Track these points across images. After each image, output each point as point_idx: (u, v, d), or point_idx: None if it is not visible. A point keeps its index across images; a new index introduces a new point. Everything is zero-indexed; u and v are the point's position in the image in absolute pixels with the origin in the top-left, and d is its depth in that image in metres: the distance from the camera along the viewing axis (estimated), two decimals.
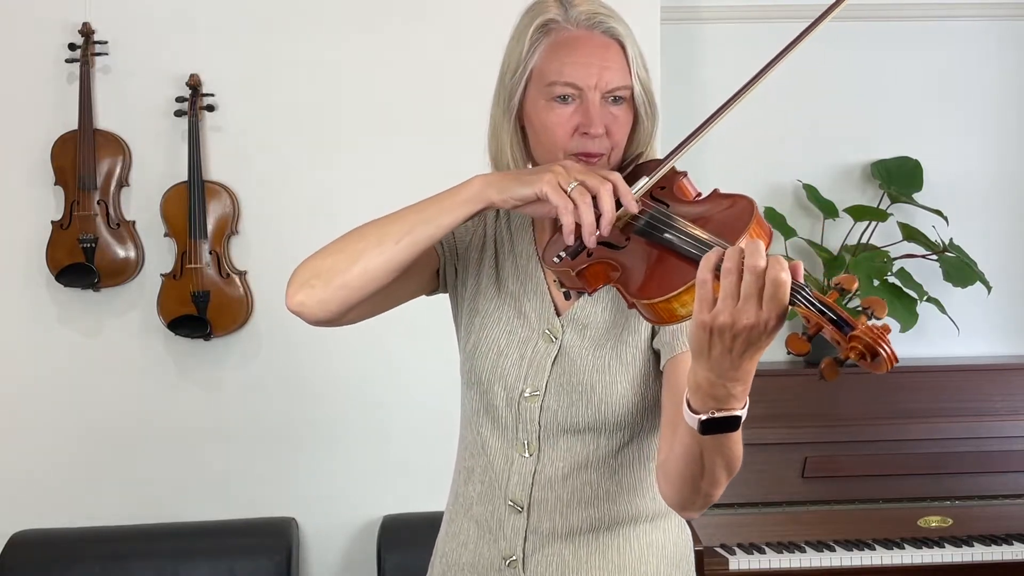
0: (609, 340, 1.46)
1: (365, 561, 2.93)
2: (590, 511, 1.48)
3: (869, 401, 3.05)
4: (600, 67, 1.40)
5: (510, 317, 1.50)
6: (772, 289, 1.06)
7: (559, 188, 1.30)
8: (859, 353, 1.06)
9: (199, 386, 2.93)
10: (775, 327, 1.09)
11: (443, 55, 2.87)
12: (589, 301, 1.47)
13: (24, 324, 2.88)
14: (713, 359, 1.13)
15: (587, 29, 1.42)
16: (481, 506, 1.53)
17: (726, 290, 1.08)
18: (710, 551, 2.78)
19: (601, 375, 1.44)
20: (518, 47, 1.44)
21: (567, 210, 1.29)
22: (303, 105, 2.89)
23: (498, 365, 1.49)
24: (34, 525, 2.86)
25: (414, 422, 2.91)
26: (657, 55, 2.90)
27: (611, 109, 1.42)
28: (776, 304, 1.07)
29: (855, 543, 2.85)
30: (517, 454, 1.49)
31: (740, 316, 1.08)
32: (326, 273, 1.40)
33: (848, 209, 3.25)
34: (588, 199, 1.30)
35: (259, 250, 2.91)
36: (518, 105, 1.45)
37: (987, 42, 3.39)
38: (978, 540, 2.86)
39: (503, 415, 1.49)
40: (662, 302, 1.19)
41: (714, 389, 1.16)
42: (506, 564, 1.50)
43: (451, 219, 1.38)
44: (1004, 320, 3.42)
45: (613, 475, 1.48)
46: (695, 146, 1.41)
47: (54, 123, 2.84)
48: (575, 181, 1.31)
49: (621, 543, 1.50)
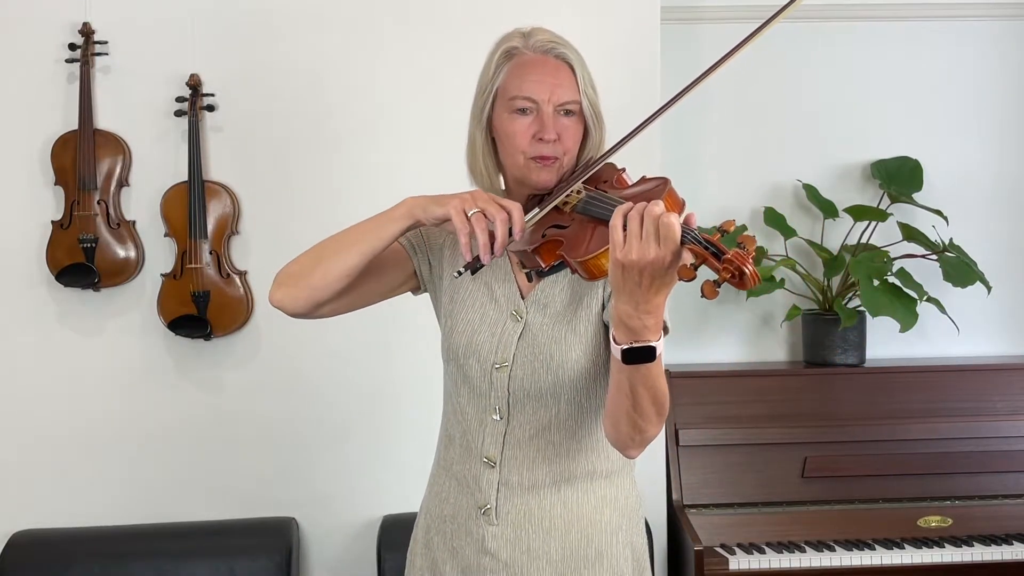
0: (566, 315, 1.72)
1: (365, 561, 2.93)
2: (553, 467, 1.73)
3: (869, 401, 3.06)
4: (552, 84, 1.68)
5: (483, 301, 1.77)
6: (665, 231, 1.35)
7: (461, 212, 1.59)
8: (730, 273, 1.31)
9: (199, 386, 2.93)
10: (672, 263, 1.36)
11: (443, 56, 2.87)
12: (549, 283, 1.73)
13: (24, 324, 2.88)
14: (627, 292, 1.40)
15: (543, 54, 1.71)
16: (460, 465, 1.78)
17: (631, 231, 1.38)
18: (710, 551, 2.78)
19: (559, 345, 1.70)
20: (487, 71, 1.74)
21: (463, 232, 1.58)
22: (303, 105, 2.89)
23: (472, 342, 1.74)
24: (34, 525, 2.86)
25: (414, 422, 2.91)
26: (657, 55, 2.90)
27: (563, 120, 1.69)
28: (670, 242, 1.35)
29: (855, 543, 2.85)
30: (490, 418, 1.74)
31: (643, 253, 1.36)
32: (295, 275, 1.73)
33: (848, 209, 3.25)
34: (483, 224, 1.57)
35: (259, 250, 2.91)
36: (488, 119, 1.74)
37: (987, 42, 3.39)
38: (978, 540, 2.86)
39: (478, 384, 1.74)
40: (592, 259, 1.49)
41: (631, 321, 1.43)
42: (481, 512, 1.75)
43: (389, 232, 1.68)
44: (1004, 320, 3.42)
45: (573, 436, 1.73)
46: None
47: (54, 123, 2.84)
48: (476, 208, 1.59)
49: (580, 495, 1.74)
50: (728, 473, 2.96)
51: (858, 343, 3.18)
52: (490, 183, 1.76)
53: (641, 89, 2.85)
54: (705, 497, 2.95)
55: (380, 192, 2.85)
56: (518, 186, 1.74)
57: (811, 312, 3.25)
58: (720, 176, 3.38)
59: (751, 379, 3.09)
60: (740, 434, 2.98)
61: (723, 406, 3.03)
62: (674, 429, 2.98)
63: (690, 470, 2.96)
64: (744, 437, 2.98)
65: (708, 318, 3.39)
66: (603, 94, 1.76)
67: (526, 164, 1.69)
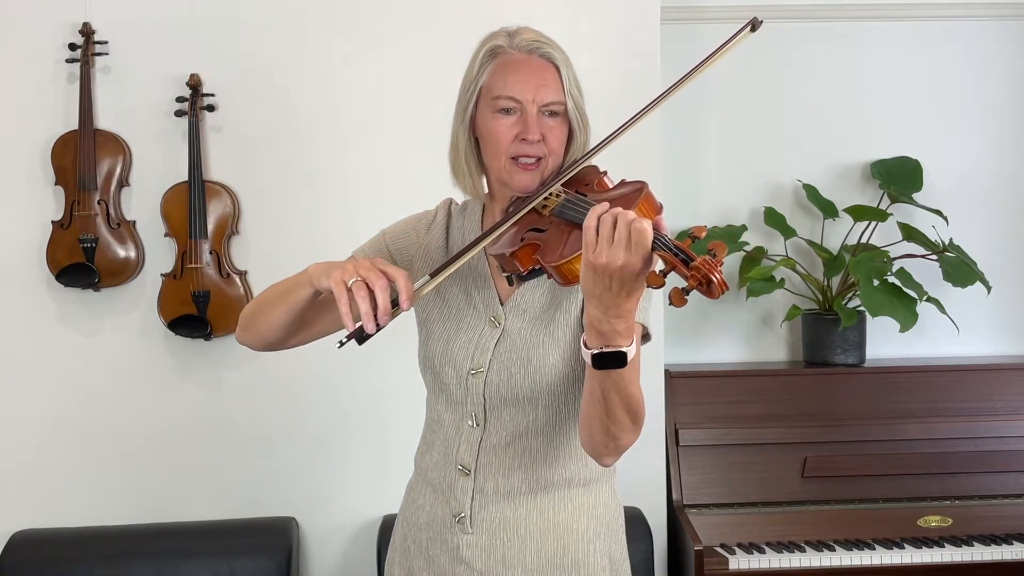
0: (544, 320, 1.69)
1: (365, 561, 2.93)
2: (529, 474, 1.71)
3: (869, 401, 3.06)
4: (537, 84, 1.65)
5: (461, 307, 1.75)
6: (636, 236, 1.34)
7: (341, 282, 1.51)
8: (697, 280, 1.31)
9: (199, 386, 2.93)
10: (642, 269, 1.35)
11: (443, 56, 2.86)
12: (528, 287, 1.70)
13: (24, 324, 2.88)
14: (598, 296, 1.39)
15: (527, 53, 1.68)
16: (436, 472, 1.77)
17: (602, 233, 1.36)
18: (710, 551, 2.78)
19: (536, 349, 1.68)
20: (471, 70, 1.71)
21: (341, 301, 1.50)
22: (303, 105, 2.89)
23: (448, 350, 1.73)
24: (34, 525, 2.86)
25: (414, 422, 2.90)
26: (657, 55, 2.90)
27: (547, 121, 1.66)
28: (640, 248, 1.34)
29: (855, 543, 2.85)
30: (466, 424, 1.72)
31: (614, 257, 1.35)
32: (246, 320, 1.77)
33: (848, 209, 3.25)
34: (364, 292, 1.49)
35: (259, 250, 2.91)
36: (471, 119, 1.71)
37: (987, 42, 3.39)
38: (978, 540, 2.86)
39: (454, 391, 1.73)
40: (565, 263, 1.48)
41: (601, 325, 1.41)
42: (456, 521, 1.73)
43: (300, 296, 1.65)
44: (1004, 320, 3.43)
45: (550, 443, 1.71)
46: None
47: (54, 123, 2.84)
48: (357, 277, 1.51)
49: (556, 503, 1.72)
50: (728, 473, 2.96)
51: (858, 343, 3.18)
52: (472, 184, 1.74)
53: (641, 89, 2.84)
54: (705, 497, 2.95)
55: (380, 192, 2.88)
56: (501, 187, 1.72)
57: (811, 312, 3.25)
58: (720, 176, 3.38)
59: (751, 379, 3.09)
60: (740, 434, 2.98)
61: (723, 406, 3.03)
62: (674, 429, 2.98)
63: (690, 470, 2.96)
64: (744, 437, 2.99)
65: (708, 318, 3.39)
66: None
67: (508, 166, 1.66)
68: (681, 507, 2.93)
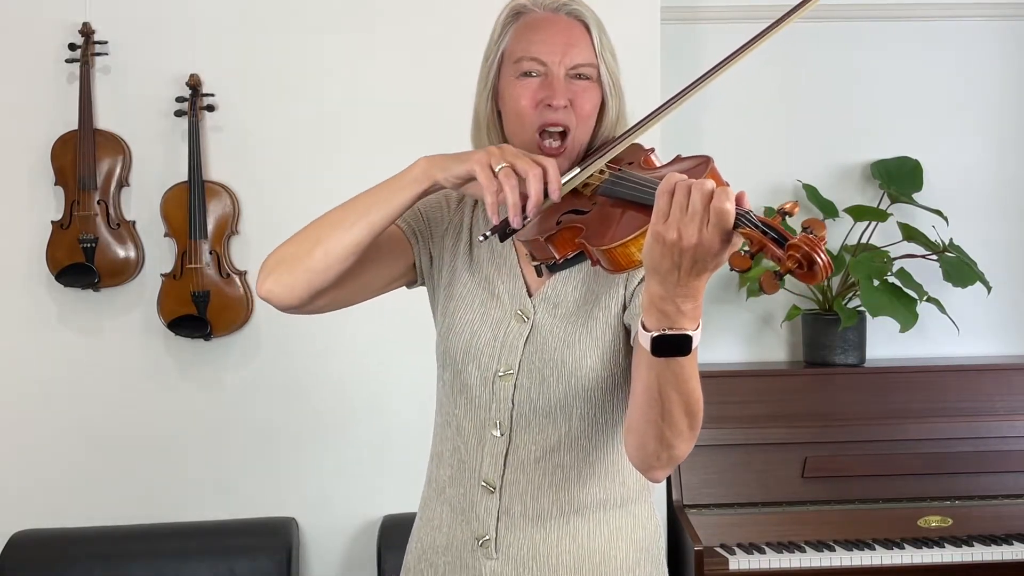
0: (579, 316, 1.50)
1: (365, 561, 2.93)
2: (561, 494, 1.51)
3: (869, 401, 3.06)
4: (565, 44, 1.47)
5: (484, 299, 1.55)
6: (717, 212, 1.12)
7: (487, 168, 1.36)
8: (796, 262, 1.09)
9: (199, 386, 2.93)
10: (719, 250, 1.14)
11: (443, 56, 2.87)
12: (560, 279, 1.51)
13: (24, 324, 2.88)
14: (663, 273, 1.16)
15: (553, 12, 1.51)
16: (453, 488, 1.57)
17: (677, 202, 1.14)
18: (710, 551, 2.78)
19: (571, 349, 1.48)
20: (493, 34, 1.54)
21: (490, 190, 1.35)
22: (303, 105, 2.89)
23: (472, 345, 1.53)
24: (34, 525, 2.86)
25: (414, 422, 2.90)
26: (657, 55, 2.90)
27: (575, 85, 1.48)
28: (720, 227, 1.12)
29: (855, 543, 2.85)
30: (489, 433, 1.52)
31: (686, 233, 1.13)
32: (290, 259, 1.48)
33: (848, 209, 3.25)
34: (514, 181, 1.34)
35: (259, 250, 2.89)
36: (492, 88, 1.53)
37: (988, 42, 3.39)
38: (978, 540, 2.86)
39: (477, 394, 1.53)
40: (619, 246, 1.27)
41: (664, 304, 1.19)
42: (479, 544, 1.54)
43: (402, 198, 1.45)
44: (1004, 320, 3.42)
45: (585, 458, 1.52)
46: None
47: (54, 123, 2.84)
48: (504, 163, 1.36)
49: (591, 527, 1.53)
50: (728, 473, 2.96)
51: (858, 343, 3.18)
52: None
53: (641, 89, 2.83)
54: (705, 497, 2.95)
55: None
56: None
57: (811, 312, 3.25)
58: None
59: (751, 379, 3.09)
60: (740, 434, 2.98)
61: (723, 406, 3.03)
62: None
63: (690, 470, 2.96)
64: (744, 437, 2.98)
65: (708, 318, 3.37)
66: None
67: (534, 141, 1.47)
68: (681, 507, 2.92)
